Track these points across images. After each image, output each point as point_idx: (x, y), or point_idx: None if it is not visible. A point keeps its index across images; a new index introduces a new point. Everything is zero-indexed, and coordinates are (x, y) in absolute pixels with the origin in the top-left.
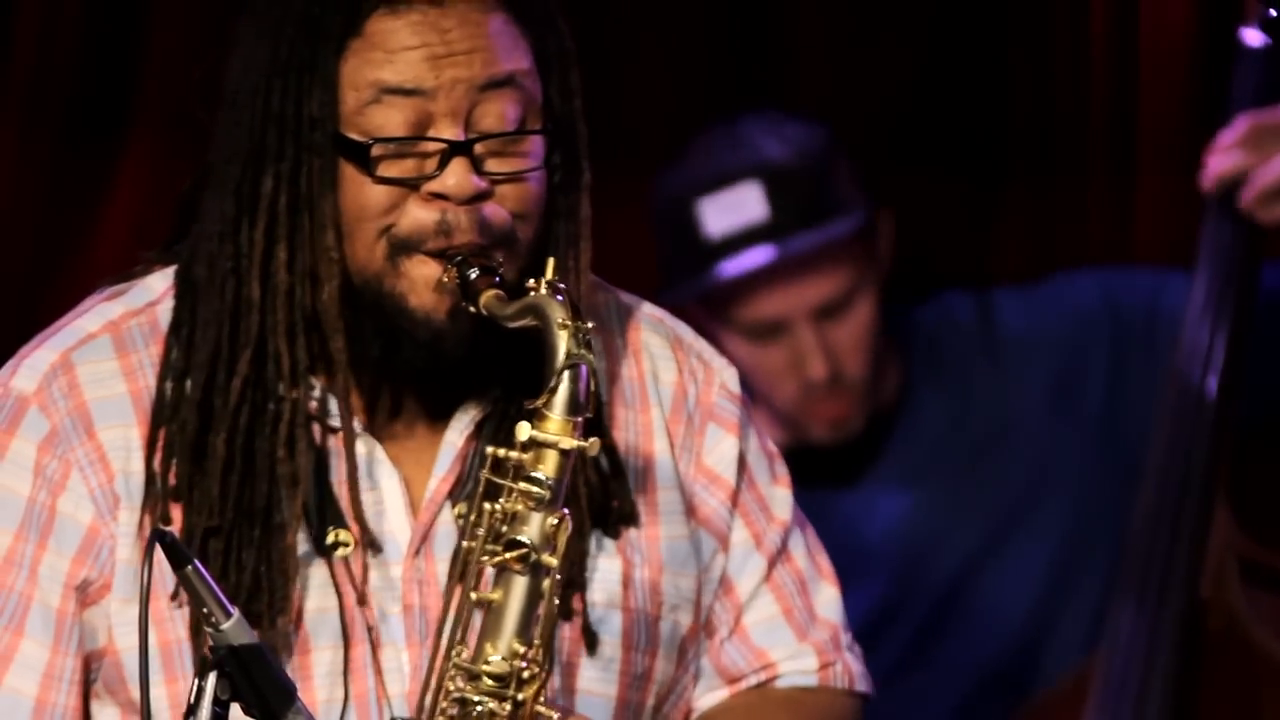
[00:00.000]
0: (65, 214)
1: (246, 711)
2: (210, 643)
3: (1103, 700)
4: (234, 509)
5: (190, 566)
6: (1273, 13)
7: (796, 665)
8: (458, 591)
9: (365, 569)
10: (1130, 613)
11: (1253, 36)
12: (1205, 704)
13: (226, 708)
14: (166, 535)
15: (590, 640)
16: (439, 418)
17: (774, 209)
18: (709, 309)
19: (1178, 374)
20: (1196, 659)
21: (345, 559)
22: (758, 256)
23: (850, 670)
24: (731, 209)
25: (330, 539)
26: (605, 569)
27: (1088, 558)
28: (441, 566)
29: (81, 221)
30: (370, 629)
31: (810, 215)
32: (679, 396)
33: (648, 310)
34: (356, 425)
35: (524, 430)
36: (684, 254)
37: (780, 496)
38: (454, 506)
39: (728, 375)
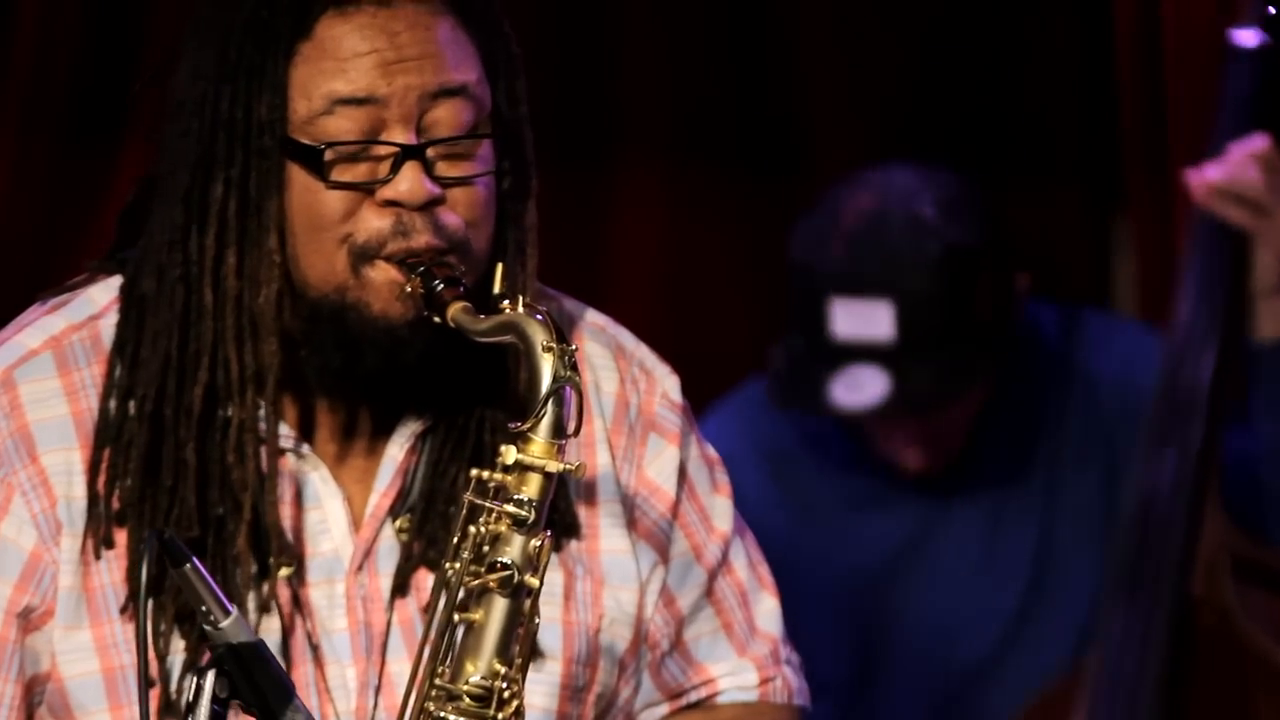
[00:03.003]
0: (65, 214)
1: (245, 710)
2: (209, 641)
3: (1095, 698)
4: (190, 519)
5: (189, 564)
6: (1272, 11)
7: (737, 681)
8: (438, 612)
9: (308, 587)
10: (1122, 611)
11: (1245, 37)
12: (1197, 702)
13: (225, 706)
14: (164, 533)
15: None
16: (379, 432)
17: (901, 340)
18: None
19: (1170, 368)
20: (1188, 657)
21: (288, 578)
22: (872, 392)
23: (789, 685)
24: (856, 319)
25: (273, 559)
26: (548, 581)
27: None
28: (384, 582)
29: (81, 221)
30: (314, 647)
31: (940, 366)
32: (620, 407)
33: (590, 318)
34: (301, 445)
35: (510, 454)
36: (807, 338)
37: (720, 505)
38: (394, 521)
39: (669, 384)
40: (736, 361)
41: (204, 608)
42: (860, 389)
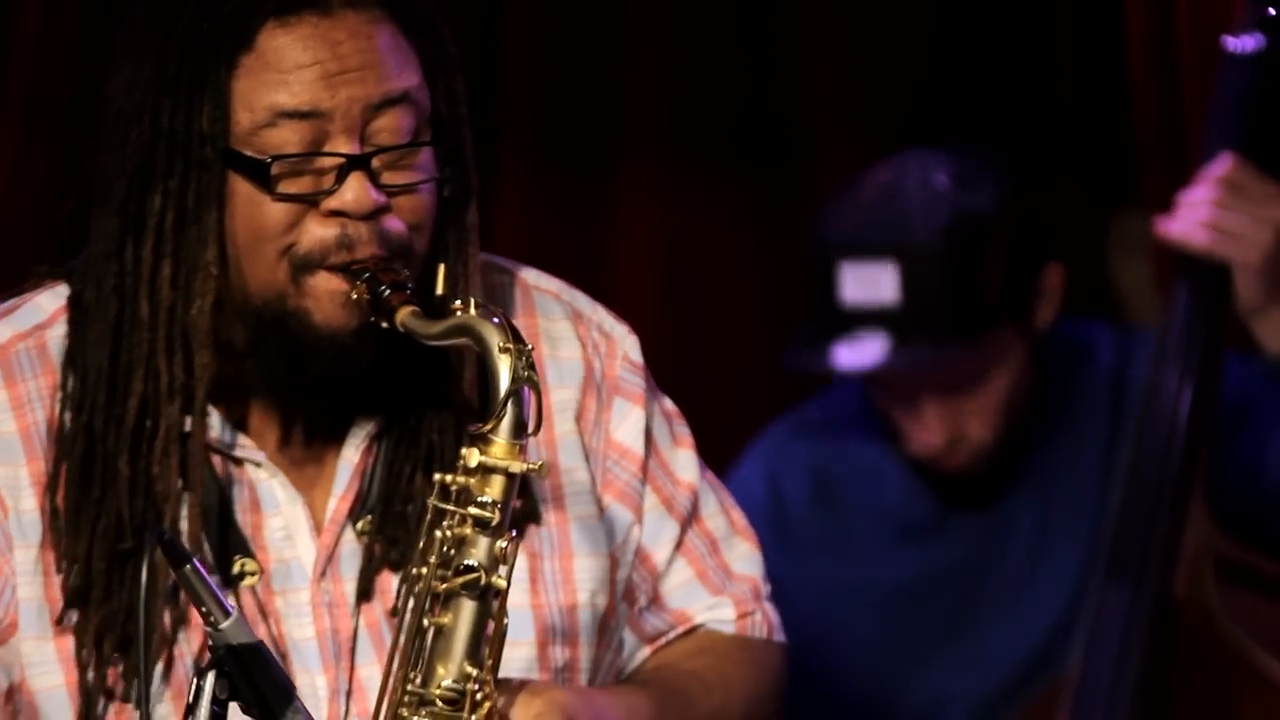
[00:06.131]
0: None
1: (245, 711)
2: (210, 642)
3: (1076, 700)
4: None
5: (189, 565)
6: (1272, 11)
7: (714, 615)
8: (407, 617)
9: (273, 595)
10: (1103, 612)
11: (1243, 42)
12: (1179, 704)
13: (225, 707)
14: (164, 533)
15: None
16: (333, 436)
17: (905, 301)
18: None
19: (1152, 381)
20: (1169, 658)
21: (253, 588)
22: (871, 352)
23: (769, 620)
24: (863, 284)
25: (236, 569)
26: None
27: None
28: (349, 587)
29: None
30: (282, 656)
31: (940, 324)
32: (586, 374)
33: (546, 285)
34: (258, 453)
35: (473, 456)
36: (818, 306)
37: (683, 457)
38: (355, 524)
39: (629, 344)
40: (739, 359)
41: (204, 609)
42: (861, 351)
